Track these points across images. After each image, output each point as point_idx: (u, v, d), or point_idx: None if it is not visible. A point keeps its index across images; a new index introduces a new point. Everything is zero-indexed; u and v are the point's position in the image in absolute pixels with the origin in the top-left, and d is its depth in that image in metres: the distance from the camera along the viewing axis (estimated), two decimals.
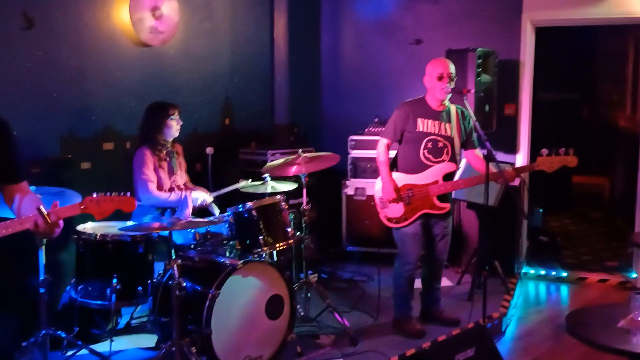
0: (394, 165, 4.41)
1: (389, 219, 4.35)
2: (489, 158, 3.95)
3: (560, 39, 6.87)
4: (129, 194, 2.85)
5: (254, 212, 4.00)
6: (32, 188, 3.69)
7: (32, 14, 4.34)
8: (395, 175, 4.32)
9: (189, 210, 4.38)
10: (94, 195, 2.76)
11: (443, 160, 4.29)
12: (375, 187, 4.43)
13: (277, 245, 4.08)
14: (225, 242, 4.09)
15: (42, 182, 4.16)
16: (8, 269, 4.01)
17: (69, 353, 3.94)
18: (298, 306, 4.38)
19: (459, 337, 3.73)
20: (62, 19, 4.54)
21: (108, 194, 2.77)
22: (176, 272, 3.47)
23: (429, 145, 4.26)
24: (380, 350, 4.08)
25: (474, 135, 4.40)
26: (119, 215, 4.19)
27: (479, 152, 4.40)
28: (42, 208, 2.55)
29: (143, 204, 4.36)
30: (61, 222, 2.64)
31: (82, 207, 2.73)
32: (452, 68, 4.24)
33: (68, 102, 4.64)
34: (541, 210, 6.88)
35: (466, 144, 4.42)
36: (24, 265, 3.99)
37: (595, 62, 8.84)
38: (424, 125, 4.27)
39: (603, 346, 2.58)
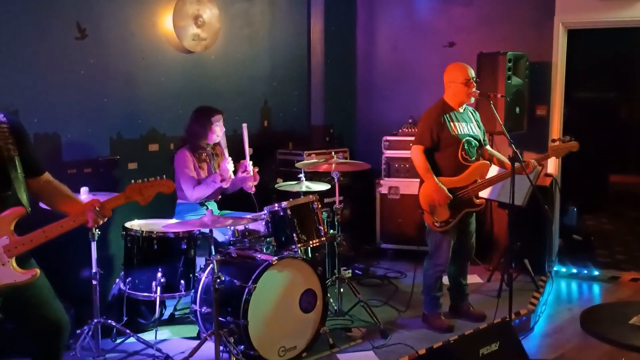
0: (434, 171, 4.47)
1: (440, 223, 4.39)
2: (514, 159, 4.07)
3: (598, 38, 6.86)
4: (164, 176, 2.96)
5: (288, 211, 4.20)
6: (85, 189, 3.99)
7: (84, 25, 4.64)
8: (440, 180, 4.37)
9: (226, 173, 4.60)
10: (134, 183, 2.86)
11: (477, 159, 4.43)
12: (421, 193, 4.42)
13: (311, 242, 4.27)
14: (262, 239, 4.29)
15: (93, 181, 4.44)
16: (64, 263, 4.31)
17: (118, 340, 4.22)
18: (331, 300, 4.58)
19: (484, 331, 3.84)
20: (111, 29, 4.82)
21: (146, 179, 2.87)
22: (216, 267, 3.67)
23: (465, 146, 4.38)
24: (409, 344, 4.22)
25: (484, 134, 4.59)
26: (163, 212, 4.50)
27: (489, 149, 4.62)
28: (94, 204, 2.73)
29: (189, 200, 4.60)
30: (110, 212, 2.79)
31: (126, 196, 2.85)
32: (473, 72, 4.41)
33: (117, 106, 4.92)
34: (575, 209, 6.90)
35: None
36: (77, 259, 4.27)
37: (635, 61, 8.74)
38: (457, 127, 4.39)
39: (613, 342, 2.70)
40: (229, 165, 4.65)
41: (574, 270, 5.99)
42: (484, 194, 5.29)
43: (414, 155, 4.40)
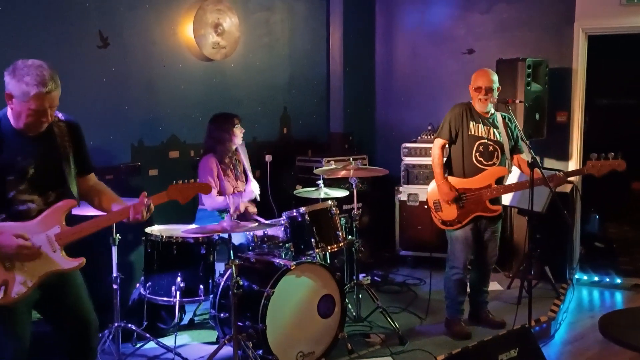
0: (446, 169, 4.51)
1: (443, 222, 4.48)
2: (533, 165, 4.05)
3: (619, 44, 6.83)
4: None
5: (306, 217, 4.22)
6: None
7: (107, 34, 4.72)
8: (450, 179, 4.44)
9: (240, 207, 4.63)
10: (175, 183, 3.03)
11: (494, 164, 4.41)
12: (429, 190, 4.55)
13: (329, 247, 4.28)
14: (280, 244, 4.31)
15: (114, 187, 4.48)
16: (85, 267, 4.36)
17: (139, 345, 4.25)
18: (350, 307, 4.58)
19: (503, 338, 3.81)
20: (133, 37, 4.91)
21: (187, 181, 3.04)
22: (234, 272, 3.69)
23: (481, 148, 4.38)
24: (427, 350, 4.21)
25: (520, 141, 4.51)
26: (183, 218, 4.54)
27: (524, 157, 4.52)
28: (145, 199, 2.87)
29: (207, 208, 4.64)
30: (153, 208, 2.93)
31: (168, 194, 3.00)
32: (494, 80, 4.36)
33: (138, 114, 5.00)
34: (597, 216, 6.83)
35: (513, 149, 4.54)
36: (98, 264, 4.31)
37: None
38: (475, 128, 4.40)
39: (633, 347, 2.67)
40: (255, 188, 4.68)
41: (596, 278, 5.92)
42: (505, 200, 5.28)
43: (433, 149, 4.49)
